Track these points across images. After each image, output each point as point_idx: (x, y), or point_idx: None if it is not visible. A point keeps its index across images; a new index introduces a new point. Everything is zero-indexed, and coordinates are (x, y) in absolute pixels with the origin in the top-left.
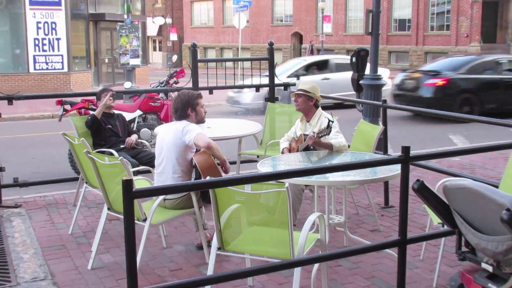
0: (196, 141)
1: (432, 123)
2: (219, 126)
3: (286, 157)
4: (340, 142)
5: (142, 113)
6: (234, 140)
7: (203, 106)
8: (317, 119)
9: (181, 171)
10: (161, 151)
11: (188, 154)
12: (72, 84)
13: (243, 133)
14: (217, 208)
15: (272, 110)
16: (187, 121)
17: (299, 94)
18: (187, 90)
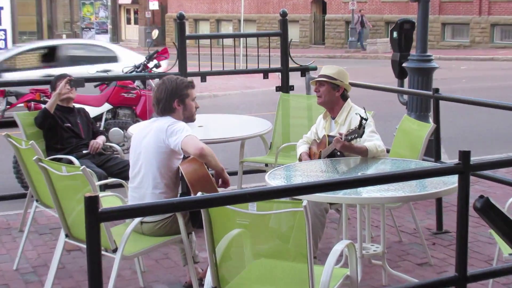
0: (184, 146)
1: (503, 118)
2: (215, 125)
3: (304, 166)
4: (377, 145)
5: (111, 108)
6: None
7: (194, 98)
8: (346, 115)
9: (164, 185)
10: (137, 159)
11: (174, 162)
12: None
13: (247, 134)
14: (212, 235)
15: (286, 103)
16: (172, 118)
17: (322, 81)
18: (174, 76)
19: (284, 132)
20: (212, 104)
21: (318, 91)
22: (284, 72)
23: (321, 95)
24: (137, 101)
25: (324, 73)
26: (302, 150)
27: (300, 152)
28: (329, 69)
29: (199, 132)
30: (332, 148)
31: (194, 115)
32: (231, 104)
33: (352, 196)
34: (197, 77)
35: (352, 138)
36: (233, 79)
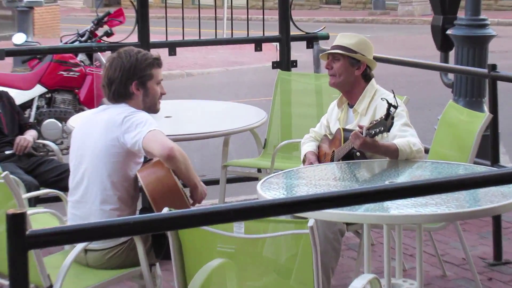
0: (147, 145)
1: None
2: (188, 115)
3: (311, 172)
4: (411, 143)
5: (45, 91)
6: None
7: (160, 81)
8: (368, 101)
9: (117, 198)
10: (80, 162)
11: (131, 168)
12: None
13: (232, 128)
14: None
15: (286, 84)
16: (129, 106)
17: (336, 54)
18: (134, 48)
19: (283, 125)
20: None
21: (331, 68)
22: (284, 42)
23: (335, 73)
24: (80, 82)
25: (340, 44)
26: (308, 149)
27: (305, 152)
28: (346, 38)
29: (165, 126)
30: (349, 147)
31: (158, 104)
32: (210, 87)
33: (377, 213)
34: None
35: (376, 133)
36: (214, 52)
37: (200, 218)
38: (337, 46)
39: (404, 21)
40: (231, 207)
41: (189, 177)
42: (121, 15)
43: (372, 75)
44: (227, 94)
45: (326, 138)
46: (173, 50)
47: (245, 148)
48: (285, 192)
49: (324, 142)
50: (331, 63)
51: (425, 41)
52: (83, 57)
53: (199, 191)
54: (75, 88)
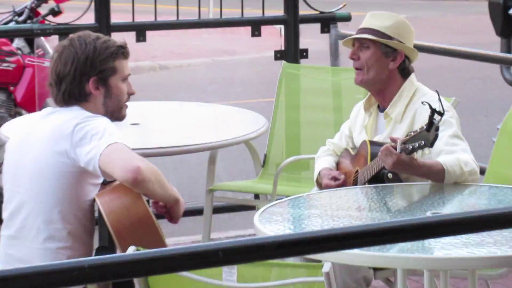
0: (105, 165)
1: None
2: (161, 123)
3: (327, 198)
4: (463, 161)
5: None
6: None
7: (127, 77)
8: (406, 104)
9: (67, 234)
10: (16, 184)
11: (86, 192)
12: None
13: (221, 139)
14: None
15: (293, 81)
16: (84, 110)
17: (364, 40)
18: (91, 33)
19: (289, 136)
20: (156, 82)
21: (357, 59)
22: (291, 25)
23: (363, 65)
24: (16, 77)
25: (370, 26)
26: (324, 166)
27: (319, 169)
28: (378, 18)
29: (131, 136)
30: (378, 167)
31: (124, 108)
32: (192, 84)
33: (416, 255)
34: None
35: (415, 148)
36: (197, 38)
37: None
38: (366, 29)
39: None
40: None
41: (167, 195)
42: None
43: (411, 69)
44: (214, 94)
45: (347, 153)
46: (142, 35)
47: (238, 166)
48: (292, 226)
49: (345, 158)
50: (357, 51)
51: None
52: (21, 43)
53: (180, 203)
54: (10, 84)
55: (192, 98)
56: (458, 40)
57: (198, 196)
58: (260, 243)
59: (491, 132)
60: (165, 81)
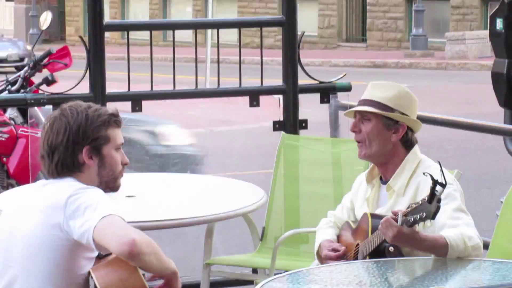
0: (99, 238)
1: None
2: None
3: (327, 273)
4: (466, 236)
5: None
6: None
7: (120, 146)
8: (408, 177)
9: None
10: (8, 259)
11: (80, 266)
12: None
13: (218, 212)
14: None
15: (292, 152)
16: (77, 181)
17: (366, 113)
18: (83, 103)
19: (288, 209)
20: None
21: (358, 132)
22: (290, 95)
23: (364, 138)
24: (9, 149)
25: (372, 98)
26: (324, 238)
27: (320, 241)
28: (380, 89)
29: (127, 209)
30: (379, 240)
31: (119, 178)
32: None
33: None
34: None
35: (416, 220)
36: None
37: None
38: (367, 101)
39: (454, 65)
40: None
41: (164, 268)
42: (67, 55)
43: (415, 140)
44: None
45: (348, 226)
46: (138, 105)
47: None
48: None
49: (345, 231)
50: (358, 124)
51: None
52: (14, 113)
53: (178, 278)
54: (3, 155)
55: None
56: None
57: (195, 270)
58: None
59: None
60: None
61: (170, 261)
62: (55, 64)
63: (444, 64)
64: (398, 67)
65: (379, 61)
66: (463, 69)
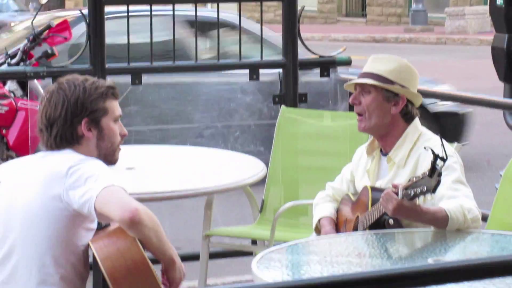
0: (101, 207)
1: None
2: (157, 167)
3: (326, 245)
4: (466, 208)
5: None
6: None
7: (118, 118)
8: (409, 149)
9: (60, 279)
10: (7, 229)
11: (80, 236)
12: None
13: (217, 185)
14: None
15: (292, 125)
16: (76, 153)
17: (366, 85)
18: (80, 76)
19: (287, 181)
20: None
21: (358, 104)
22: (289, 69)
23: (365, 110)
24: (9, 121)
25: (372, 70)
26: (323, 214)
27: (319, 217)
28: (380, 62)
29: (127, 181)
30: (379, 212)
31: (118, 151)
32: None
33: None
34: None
35: (417, 194)
36: None
37: None
38: (367, 73)
39: (453, 40)
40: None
41: (162, 249)
42: (67, 29)
43: (415, 113)
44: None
45: (348, 199)
46: (138, 78)
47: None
48: (290, 272)
49: (345, 205)
50: (359, 96)
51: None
52: (14, 86)
53: (177, 266)
54: (2, 127)
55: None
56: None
57: (194, 241)
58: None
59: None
60: None
61: (172, 248)
62: (54, 37)
63: (444, 39)
64: (397, 41)
65: (378, 36)
66: (463, 44)
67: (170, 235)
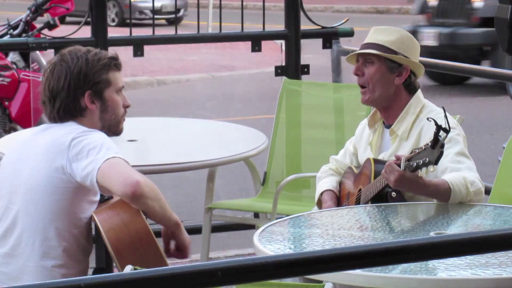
0: (103, 179)
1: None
2: (159, 139)
3: (328, 218)
4: (468, 180)
5: None
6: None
7: (121, 89)
8: (412, 121)
9: (63, 251)
10: (10, 201)
11: (83, 209)
12: None
13: (219, 157)
14: None
15: (294, 97)
16: (79, 125)
17: (368, 56)
18: (83, 47)
19: (290, 154)
20: (154, 98)
21: (361, 75)
22: (292, 40)
23: (368, 82)
24: (11, 92)
25: (375, 41)
26: (326, 187)
27: (322, 190)
28: (383, 33)
29: (128, 153)
30: (381, 185)
31: (122, 122)
32: (190, 100)
33: (419, 276)
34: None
35: (419, 165)
36: (195, 53)
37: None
38: (370, 44)
39: None
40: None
41: (166, 216)
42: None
43: (417, 84)
44: (212, 110)
45: (351, 172)
46: (140, 49)
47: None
48: (292, 245)
49: (347, 178)
50: (362, 67)
51: None
52: (16, 57)
53: (183, 229)
54: (4, 99)
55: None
56: None
57: (196, 214)
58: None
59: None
60: (163, 96)
61: (173, 213)
62: (56, 8)
63: None
64: (401, 12)
65: (381, 7)
66: None
67: (172, 208)
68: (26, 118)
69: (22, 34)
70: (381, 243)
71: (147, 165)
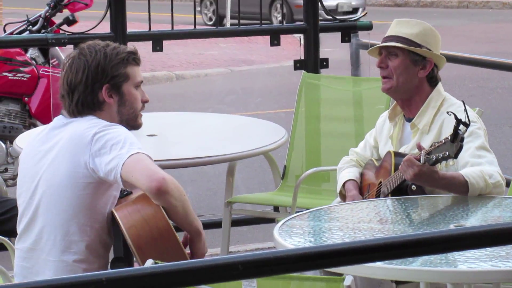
0: (128, 174)
1: None
2: (178, 134)
3: (348, 211)
4: (488, 174)
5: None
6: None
7: (140, 84)
8: (433, 115)
9: (85, 246)
10: (32, 196)
11: (104, 204)
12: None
13: (239, 151)
14: None
15: (313, 91)
16: (98, 119)
17: (392, 48)
18: (102, 42)
19: (309, 148)
20: (173, 93)
21: (385, 67)
22: (310, 34)
23: (391, 73)
24: (31, 88)
25: (397, 34)
26: (349, 177)
27: (345, 180)
28: (405, 26)
29: (149, 148)
30: (401, 178)
31: (139, 116)
32: (209, 94)
33: (439, 268)
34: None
35: (438, 159)
36: (214, 47)
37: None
38: (393, 37)
39: (475, 4)
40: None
41: (188, 220)
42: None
43: (439, 77)
44: (231, 105)
45: (372, 164)
46: (159, 44)
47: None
48: (312, 239)
49: (369, 169)
50: (385, 60)
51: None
52: (35, 53)
53: (202, 238)
54: (24, 95)
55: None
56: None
57: (216, 208)
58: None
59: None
60: (182, 91)
61: (197, 219)
62: (75, 4)
63: (465, 3)
64: (419, 5)
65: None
66: (485, 8)
67: (192, 202)
68: (46, 114)
69: (41, 30)
70: (401, 236)
71: (167, 159)
